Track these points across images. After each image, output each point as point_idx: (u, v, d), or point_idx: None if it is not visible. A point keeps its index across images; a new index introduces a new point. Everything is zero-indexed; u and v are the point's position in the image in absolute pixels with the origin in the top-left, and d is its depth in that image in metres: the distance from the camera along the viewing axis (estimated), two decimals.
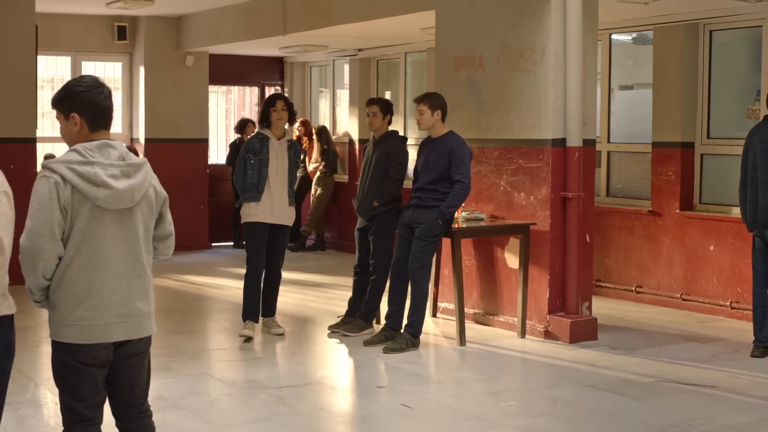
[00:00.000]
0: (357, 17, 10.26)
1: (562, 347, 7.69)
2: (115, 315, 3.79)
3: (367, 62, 13.57)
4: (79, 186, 3.64)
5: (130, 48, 13.66)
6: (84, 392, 3.83)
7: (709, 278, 9.03)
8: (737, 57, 9.28)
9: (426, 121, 7.70)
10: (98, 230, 3.71)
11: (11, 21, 10.34)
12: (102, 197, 3.66)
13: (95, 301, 3.75)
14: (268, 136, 7.96)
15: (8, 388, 3.76)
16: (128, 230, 3.79)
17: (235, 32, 12.39)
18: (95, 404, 3.88)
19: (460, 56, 8.76)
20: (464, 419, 5.82)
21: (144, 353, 3.97)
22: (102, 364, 3.83)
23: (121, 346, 3.85)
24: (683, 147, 9.33)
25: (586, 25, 7.90)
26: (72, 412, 3.86)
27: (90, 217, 3.69)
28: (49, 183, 3.64)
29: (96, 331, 3.76)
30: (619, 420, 5.80)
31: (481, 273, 8.63)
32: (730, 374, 6.85)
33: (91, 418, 3.88)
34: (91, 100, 3.74)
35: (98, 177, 3.65)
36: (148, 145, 13.50)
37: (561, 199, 7.97)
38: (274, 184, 7.90)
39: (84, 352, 3.77)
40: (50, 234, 3.63)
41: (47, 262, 3.67)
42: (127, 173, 3.75)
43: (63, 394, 3.88)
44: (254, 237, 7.99)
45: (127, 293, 3.81)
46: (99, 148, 3.73)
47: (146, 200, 3.84)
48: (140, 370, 3.97)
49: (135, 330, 3.86)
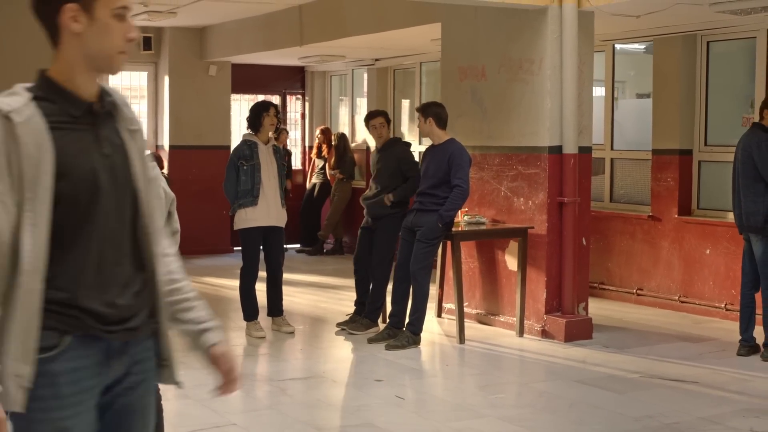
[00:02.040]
0: (370, 29, 10.65)
1: (557, 345, 8.04)
2: None
3: (384, 71, 13.97)
4: None
5: (155, 58, 14.14)
6: None
7: (706, 281, 9.33)
8: (733, 67, 9.59)
9: (421, 128, 8.14)
10: None
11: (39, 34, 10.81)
12: None
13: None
14: (256, 142, 8.20)
15: None
16: None
17: (254, 43, 12.83)
18: None
19: (464, 67, 9.14)
20: (452, 410, 6.19)
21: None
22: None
23: None
24: (681, 154, 9.64)
25: (582, 37, 8.25)
26: None
27: None
28: None
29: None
30: (599, 411, 6.14)
31: (483, 275, 8.99)
32: (713, 371, 7.17)
33: None
34: None
35: None
36: (172, 152, 13.95)
37: (558, 203, 8.32)
38: (267, 188, 8.15)
39: None
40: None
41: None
42: None
43: None
44: (252, 242, 8.24)
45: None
46: None
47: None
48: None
49: None
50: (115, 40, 2.53)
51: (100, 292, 2.51)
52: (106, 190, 2.51)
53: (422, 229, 7.94)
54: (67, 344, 2.47)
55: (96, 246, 2.51)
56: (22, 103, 2.46)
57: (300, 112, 15.71)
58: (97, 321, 2.50)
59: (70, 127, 2.49)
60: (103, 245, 2.52)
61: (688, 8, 8.13)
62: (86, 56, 2.54)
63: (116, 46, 2.54)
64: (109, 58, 2.55)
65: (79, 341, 2.49)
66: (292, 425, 5.87)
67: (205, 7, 11.47)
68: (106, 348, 2.53)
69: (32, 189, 2.40)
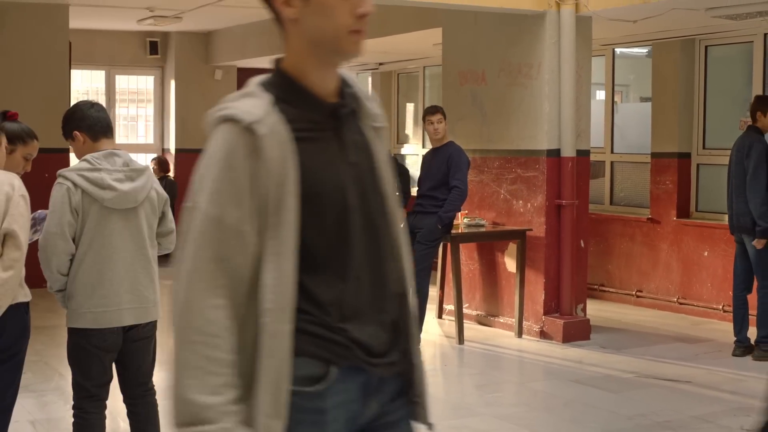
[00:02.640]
0: (372, 33, 10.66)
1: (554, 346, 8.15)
2: (125, 302, 4.33)
3: (388, 75, 14.12)
4: (88, 190, 4.20)
5: (161, 62, 14.31)
6: (93, 372, 4.39)
7: (704, 283, 9.44)
8: (731, 71, 9.70)
9: (440, 129, 8.18)
10: (107, 228, 4.27)
11: (47, 38, 10.99)
12: (108, 198, 4.22)
13: (106, 290, 4.29)
14: None
15: (35, 377, 4.33)
16: (133, 227, 4.34)
17: (259, 47, 12.97)
18: (102, 383, 4.44)
19: (464, 71, 9.27)
20: (448, 408, 6.31)
21: (150, 338, 4.52)
22: (111, 348, 4.38)
23: (130, 330, 4.40)
24: (680, 157, 9.76)
25: (580, 42, 8.37)
26: (81, 388, 4.43)
27: (99, 217, 4.25)
28: (61, 189, 4.21)
29: (108, 316, 4.31)
30: (592, 410, 6.26)
31: (483, 277, 9.11)
32: (707, 371, 7.28)
33: (97, 394, 4.43)
34: (84, 114, 4.34)
35: (104, 181, 4.21)
36: (178, 155, 14.10)
37: (556, 206, 8.43)
38: None
39: (96, 336, 4.32)
40: (61, 233, 4.19)
41: (59, 258, 4.22)
42: (131, 177, 4.31)
43: (75, 374, 4.45)
44: None
45: (134, 283, 4.36)
46: (105, 156, 4.29)
47: (149, 201, 4.39)
48: (146, 353, 4.52)
49: (142, 315, 4.41)
50: (340, 18, 2.12)
51: (361, 321, 2.16)
52: (355, 205, 2.16)
53: (422, 231, 8.06)
54: (334, 377, 2.11)
55: (350, 271, 2.15)
56: (264, 110, 2.08)
57: None
58: (363, 352, 2.15)
59: (312, 135, 2.13)
60: (358, 269, 2.16)
61: (685, 13, 8.25)
62: (311, 44, 2.15)
63: (343, 26, 2.13)
64: (336, 41, 2.14)
65: (344, 374, 2.13)
66: None
67: (210, 12, 11.61)
68: (365, 383, 2.17)
69: (276, 213, 2.05)
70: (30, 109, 9.13)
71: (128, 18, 12.23)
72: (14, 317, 4.17)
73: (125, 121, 14.61)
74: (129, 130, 14.68)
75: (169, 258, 2.81)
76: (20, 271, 4.14)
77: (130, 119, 14.68)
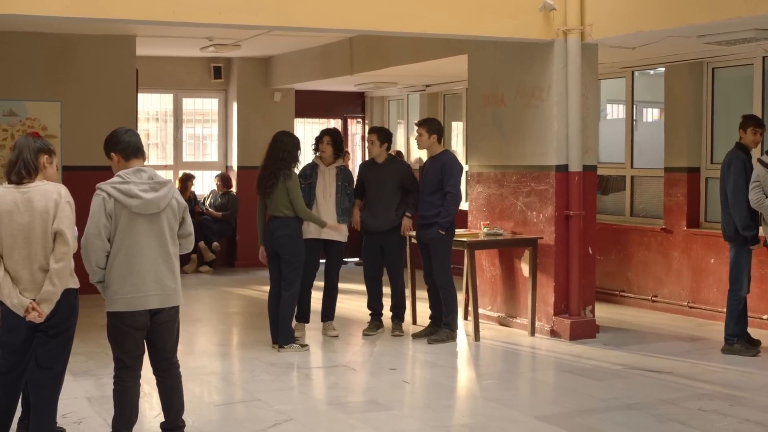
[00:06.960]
0: (409, 59, 11.75)
1: (561, 343, 8.97)
2: (151, 289, 5.35)
3: (434, 96, 15.07)
4: (119, 198, 5.23)
5: (225, 86, 15.46)
6: (128, 347, 5.42)
7: (711, 288, 10.16)
8: (736, 91, 10.43)
9: (423, 142, 9.07)
10: (134, 229, 5.30)
11: (115, 66, 12.20)
12: (135, 205, 5.25)
13: (135, 279, 5.32)
14: (317, 164, 9.38)
15: (96, 364, 5.34)
16: (157, 229, 5.36)
17: (312, 72, 14.04)
18: (136, 356, 5.47)
19: (486, 94, 10.18)
20: (447, 391, 7.23)
21: (173, 321, 5.52)
22: (141, 327, 5.39)
23: (156, 314, 5.41)
24: (690, 171, 10.53)
25: (586, 67, 9.21)
26: (119, 361, 5.47)
27: (128, 221, 5.28)
28: (98, 198, 5.26)
29: (137, 301, 5.34)
30: (573, 394, 7.09)
31: (504, 281, 9.97)
32: (691, 364, 8.03)
33: (132, 365, 5.47)
34: (119, 140, 5.37)
35: (132, 191, 5.25)
36: (240, 172, 15.18)
37: (564, 216, 9.27)
38: (322, 205, 9.14)
39: (129, 318, 5.35)
40: (98, 234, 5.23)
41: (97, 254, 5.26)
42: (154, 188, 5.33)
43: (113, 349, 5.49)
44: (307, 252, 9.00)
45: (158, 273, 5.38)
46: (134, 172, 5.33)
47: (170, 208, 5.41)
48: (170, 333, 5.54)
49: (165, 300, 5.42)
50: None
51: None
52: None
53: (431, 243, 8.90)
54: None
55: None
56: None
57: (361, 134, 16.86)
58: None
59: None
60: None
61: (684, 39, 9.01)
62: None
63: None
64: None
65: None
66: (306, 400, 6.98)
67: (266, 40, 12.70)
68: None
69: None
70: (99, 130, 10.21)
71: (192, 46, 13.38)
72: (65, 300, 5.23)
73: (191, 140, 15.75)
74: (195, 149, 15.80)
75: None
76: (69, 262, 5.18)
77: (196, 138, 15.82)
